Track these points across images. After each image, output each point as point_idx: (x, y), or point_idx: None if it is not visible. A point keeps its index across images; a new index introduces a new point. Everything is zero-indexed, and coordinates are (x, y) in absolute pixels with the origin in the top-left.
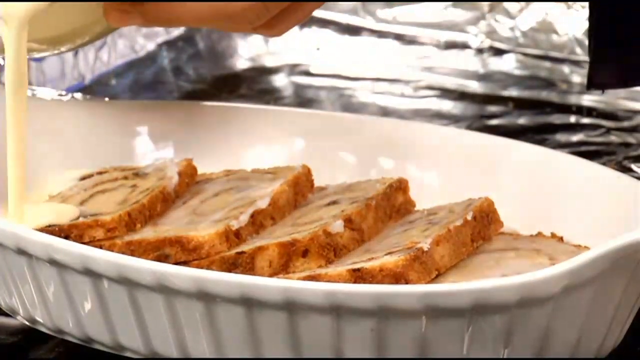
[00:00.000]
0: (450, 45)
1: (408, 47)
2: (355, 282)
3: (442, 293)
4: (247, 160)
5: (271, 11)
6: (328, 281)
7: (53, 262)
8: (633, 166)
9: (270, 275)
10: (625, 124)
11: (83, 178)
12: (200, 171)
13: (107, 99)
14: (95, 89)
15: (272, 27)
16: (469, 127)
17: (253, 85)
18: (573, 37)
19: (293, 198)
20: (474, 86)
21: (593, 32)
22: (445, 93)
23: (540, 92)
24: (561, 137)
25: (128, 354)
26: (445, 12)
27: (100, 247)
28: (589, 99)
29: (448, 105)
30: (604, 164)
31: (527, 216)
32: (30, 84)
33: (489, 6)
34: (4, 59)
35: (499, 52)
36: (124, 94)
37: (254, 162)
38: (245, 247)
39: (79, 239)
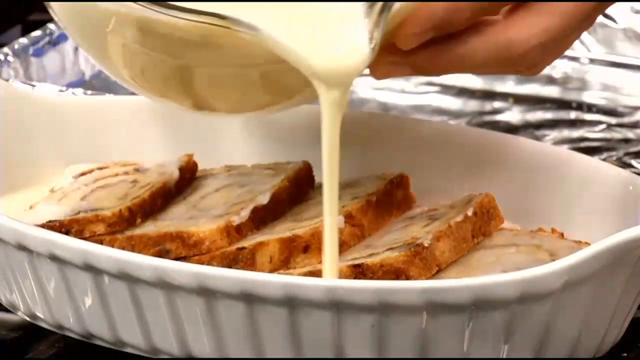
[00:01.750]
0: None
1: None
2: (355, 277)
3: (442, 289)
4: (248, 156)
5: (553, 53)
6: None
7: (53, 258)
8: (633, 162)
9: (271, 271)
10: (626, 119)
11: (84, 173)
12: (201, 167)
13: (107, 94)
14: (95, 85)
15: (536, 65)
16: (469, 123)
17: None
18: None
19: (294, 194)
20: (474, 82)
21: None
22: (446, 89)
23: (540, 88)
24: (561, 133)
25: (128, 350)
26: None
27: (101, 242)
28: (589, 95)
29: (448, 101)
30: (604, 159)
31: (527, 212)
32: (30, 79)
33: None
34: None
35: None
36: (124, 90)
37: (255, 157)
38: (246, 243)
39: (80, 234)
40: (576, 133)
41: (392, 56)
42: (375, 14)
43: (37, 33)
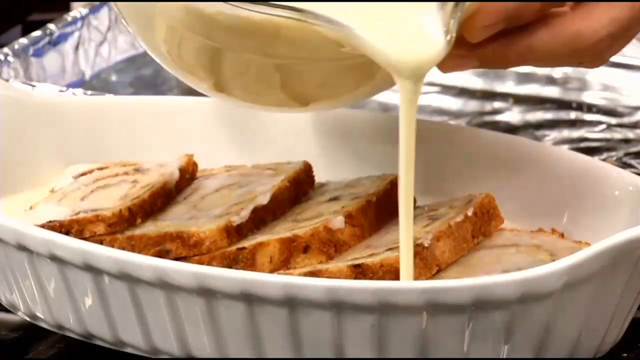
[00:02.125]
0: None
1: None
2: (355, 277)
3: (442, 289)
4: (248, 156)
5: (619, 44)
6: (329, 277)
7: (54, 258)
8: (633, 162)
9: (271, 271)
10: (626, 120)
11: (84, 174)
12: (201, 167)
13: (107, 94)
14: (95, 85)
15: (602, 57)
16: (469, 123)
17: None
18: None
19: (294, 194)
20: (474, 82)
21: None
22: (446, 89)
23: (540, 88)
24: (561, 133)
25: (128, 350)
26: None
27: (101, 242)
28: (589, 95)
29: (448, 102)
30: (604, 160)
31: (527, 212)
32: (30, 79)
33: None
34: None
35: None
36: (124, 90)
37: (255, 158)
38: (246, 243)
39: (80, 234)
40: (576, 133)
41: (459, 49)
42: (450, 6)
43: (37, 33)
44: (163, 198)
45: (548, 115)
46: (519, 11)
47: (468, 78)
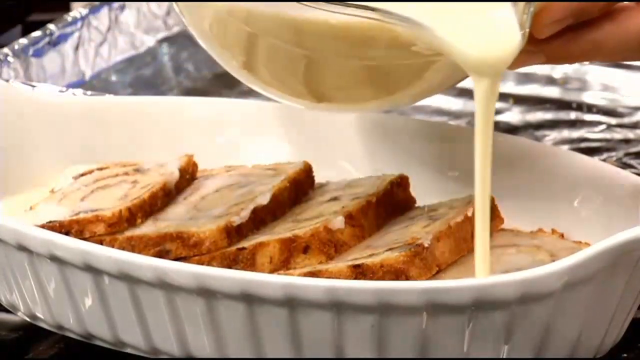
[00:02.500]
0: None
1: None
2: (355, 278)
3: (442, 289)
4: (248, 157)
5: None
6: (329, 277)
7: (54, 258)
8: (634, 162)
9: (271, 272)
10: (626, 120)
11: (84, 174)
12: (200, 167)
13: (107, 95)
14: (95, 85)
15: None
16: (470, 124)
17: None
18: None
19: (294, 194)
20: None
21: None
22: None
23: (540, 89)
24: (561, 133)
25: (128, 350)
26: None
27: (101, 242)
28: (589, 96)
29: (448, 102)
30: (604, 160)
31: (527, 212)
32: (30, 80)
33: None
34: None
35: None
36: (124, 90)
37: (255, 158)
38: (246, 243)
39: (80, 234)
40: (576, 133)
41: (526, 45)
42: (522, 2)
43: (37, 33)
44: (163, 198)
45: (548, 115)
46: (586, 6)
47: (468, 78)
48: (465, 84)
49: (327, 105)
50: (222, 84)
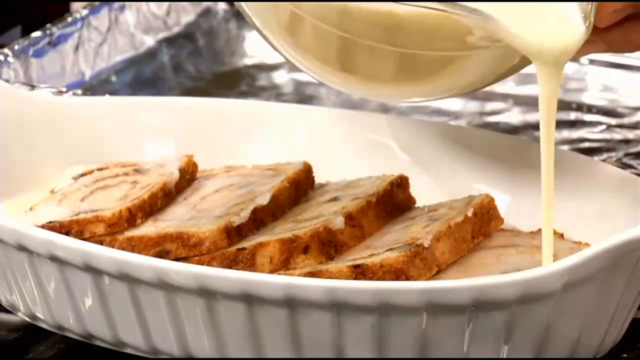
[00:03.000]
0: None
1: None
2: (355, 278)
3: (442, 289)
4: (248, 157)
5: None
6: (329, 277)
7: (54, 259)
8: (634, 163)
9: (271, 272)
10: (626, 120)
11: (84, 174)
12: (200, 167)
13: (107, 95)
14: (95, 86)
15: None
16: (470, 124)
17: (253, 82)
18: None
19: (294, 195)
20: None
21: None
22: None
23: None
24: (561, 133)
25: (129, 351)
26: None
27: (101, 243)
28: (589, 96)
29: (448, 102)
30: (604, 160)
31: (527, 213)
32: (30, 80)
33: None
34: None
35: None
36: (124, 91)
37: (255, 158)
38: (246, 244)
39: (80, 235)
40: (576, 134)
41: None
42: None
43: (37, 34)
44: (163, 199)
45: None
46: None
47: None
48: None
49: (373, 90)
50: (222, 84)
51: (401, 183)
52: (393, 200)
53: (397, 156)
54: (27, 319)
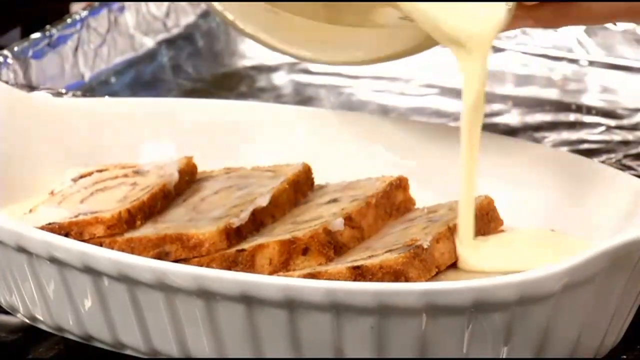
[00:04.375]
0: None
1: None
2: (355, 279)
3: (442, 291)
4: (248, 158)
5: None
6: (328, 279)
7: (53, 260)
8: (633, 164)
9: (271, 273)
10: (625, 122)
11: (83, 176)
12: (200, 169)
13: (106, 97)
14: (94, 87)
15: None
16: None
17: (253, 84)
18: (573, 35)
19: (293, 196)
20: None
21: None
22: (445, 91)
23: (539, 90)
24: (560, 135)
25: (128, 352)
26: None
27: (101, 244)
28: (588, 97)
29: (448, 103)
30: (603, 162)
31: (526, 214)
32: (29, 81)
33: None
34: None
35: (498, 50)
36: (123, 92)
37: (254, 160)
38: (246, 245)
39: (79, 236)
40: (575, 135)
41: (516, 11)
42: None
43: (36, 35)
44: (162, 200)
45: (547, 117)
46: None
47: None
48: None
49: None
50: (222, 86)
51: (400, 184)
52: (392, 202)
53: (397, 157)
54: (27, 321)
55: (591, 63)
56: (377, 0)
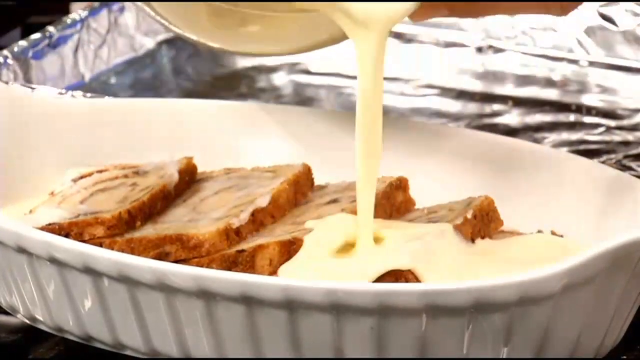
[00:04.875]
0: (450, 44)
1: (407, 45)
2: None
3: (442, 291)
4: (248, 159)
5: None
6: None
7: (53, 261)
8: (633, 165)
9: (271, 274)
10: (625, 122)
11: (83, 177)
12: (200, 169)
13: (106, 97)
14: (95, 88)
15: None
16: (469, 126)
17: (252, 84)
18: (573, 35)
19: (293, 196)
20: (474, 85)
21: None
22: (445, 91)
23: (539, 91)
24: (560, 135)
25: (128, 353)
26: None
27: (101, 245)
28: (588, 98)
29: (447, 104)
30: (603, 162)
31: (527, 215)
32: (29, 82)
33: None
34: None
35: (498, 50)
36: (123, 93)
37: (254, 160)
38: (246, 245)
39: (79, 237)
40: (575, 136)
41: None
42: None
43: (36, 36)
44: (162, 200)
45: (547, 117)
46: None
47: (467, 80)
48: (465, 86)
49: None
50: (222, 86)
51: (401, 185)
52: (392, 202)
53: (397, 158)
54: (27, 321)
55: (591, 63)
56: None
